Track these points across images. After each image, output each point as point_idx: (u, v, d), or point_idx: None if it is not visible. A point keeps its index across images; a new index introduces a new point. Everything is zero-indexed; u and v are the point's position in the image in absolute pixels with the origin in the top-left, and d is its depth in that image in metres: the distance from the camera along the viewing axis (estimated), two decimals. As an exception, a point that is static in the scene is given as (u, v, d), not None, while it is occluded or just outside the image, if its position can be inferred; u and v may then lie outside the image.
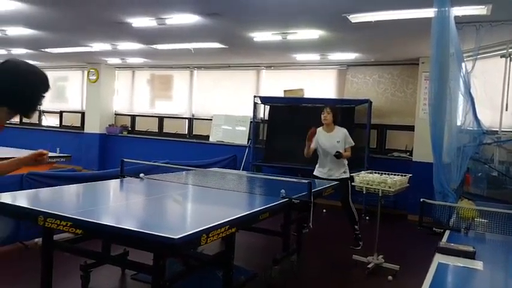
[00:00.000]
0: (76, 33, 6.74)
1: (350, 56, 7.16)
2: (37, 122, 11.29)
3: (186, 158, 7.04)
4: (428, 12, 3.90)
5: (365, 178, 4.16)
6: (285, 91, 7.79)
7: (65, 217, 2.37)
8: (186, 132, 9.57)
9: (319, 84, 8.04)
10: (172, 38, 6.45)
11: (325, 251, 5.04)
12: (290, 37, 5.72)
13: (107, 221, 2.42)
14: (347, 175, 4.97)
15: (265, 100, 7.92)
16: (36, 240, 4.45)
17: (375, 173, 4.34)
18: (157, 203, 3.33)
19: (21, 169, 2.37)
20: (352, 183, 4.32)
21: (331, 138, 4.96)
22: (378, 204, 4.27)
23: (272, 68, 8.55)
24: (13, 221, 4.06)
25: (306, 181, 3.57)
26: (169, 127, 9.82)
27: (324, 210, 6.74)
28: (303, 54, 7.21)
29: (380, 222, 4.37)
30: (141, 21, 5.38)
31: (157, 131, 9.92)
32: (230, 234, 2.70)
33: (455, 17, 3.63)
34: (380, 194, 4.06)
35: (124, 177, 4.17)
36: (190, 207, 3.33)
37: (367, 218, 6.49)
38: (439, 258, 2.09)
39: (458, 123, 3.92)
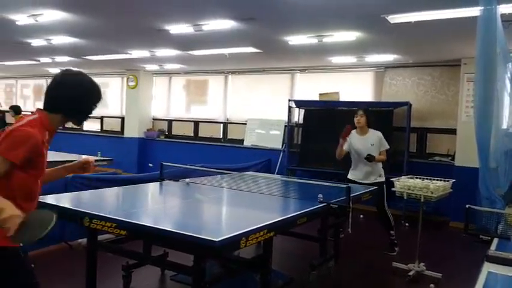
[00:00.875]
0: (116, 41, 6.98)
1: (388, 57, 7.01)
2: (79, 127, 11.75)
3: (220, 162, 7.12)
4: (472, 11, 3.76)
5: (406, 183, 4.05)
6: (320, 94, 7.73)
7: (110, 218, 2.45)
8: (221, 136, 9.68)
9: (356, 87, 7.92)
10: (208, 44, 6.55)
11: (364, 257, 4.93)
12: (326, 40, 5.67)
13: (150, 222, 2.48)
14: (382, 179, 4.85)
15: (299, 104, 7.89)
16: (80, 240, 4.63)
17: (415, 178, 4.21)
18: (197, 206, 3.38)
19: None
20: (392, 189, 4.21)
21: (364, 141, 4.87)
22: (420, 210, 4.14)
23: (306, 71, 8.51)
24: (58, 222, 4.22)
25: (345, 186, 3.51)
26: (204, 131, 9.96)
27: (362, 216, 6.60)
28: (338, 56, 7.13)
29: (421, 229, 4.24)
30: (178, 28, 5.50)
31: (192, 135, 10.08)
32: (268, 238, 2.70)
33: (502, 15, 3.48)
34: (422, 200, 3.94)
35: (163, 181, 4.26)
36: (228, 210, 3.36)
37: (406, 224, 6.30)
38: (488, 267, 2.00)
39: (505, 126, 3.75)
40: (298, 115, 8.06)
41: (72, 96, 1.93)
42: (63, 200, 2.94)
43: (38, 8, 5.03)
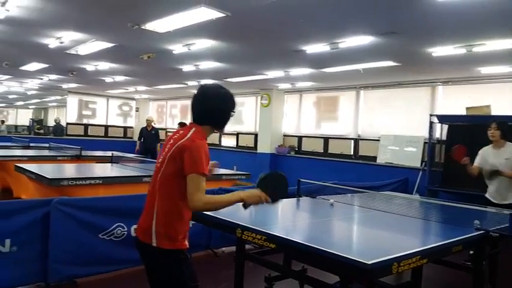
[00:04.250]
0: (255, 64, 7.46)
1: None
2: (217, 143, 12.77)
3: (351, 179, 6.95)
4: None
5: None
6: (467, 108, 7.01)
7: (260, 231, 2.58)
8: (352, 153, 9.48)
9: (510, 100, 6.98)
10: (342, 61, 6.55)
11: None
12: (476, 49, 5.17)
13: (298, 238, 2.53)
14: None
15: (443, 119, 7.27)
16: (224, 248, 5.00)
17: None
18: (340, 224, 3.35)
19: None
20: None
21: (498, 156, 4.42)
22: None
23: (450, 83, 7.83)
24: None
25: (508, 212, 3.10)
26: (334, 147, 9.89)
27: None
28: (489, 66, 6.41)
29: None
30: (315, 48, 5.63)
31: (322, 151, 10.09)
32: (420, 265, 2.53)
33: None
34: None
35: (300, 197, 4.34)
36: (374, 232, 3.24)
37: None
38: None
39: None
40: (441, 131, 7.43)
41: (217, 107, 2.18)
42: (219, 211, 3.19)
43: (192, 38, 5.70)
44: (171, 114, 15.51)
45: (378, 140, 8.72)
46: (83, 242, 3.73)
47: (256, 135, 11.46)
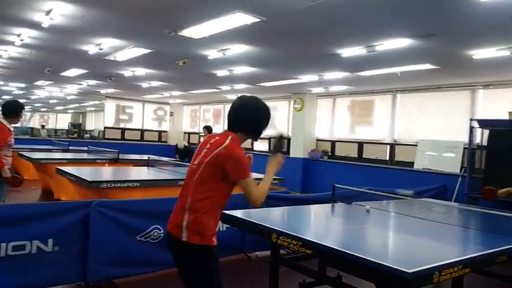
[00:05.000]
0: (289, 68, 7.45)
1: None
2: (250, 147, 12.81)
3: (387, 185, 6.76)
4: None
5: None
6: (510, 113, 6.70)
7: (296, 237, 2.56)
8: (387, 158, 9.26)
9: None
10: (379, 64, 6.43)
11: None
12: (522, 50, 4.94)
13: (334, 244, 2.49)
14: None
15: (484, 124, 6.97)
16: (257, 253, 5.00)
17: None
18: (377, 231, 3.28)
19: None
20: None
21: None
22: None
23: (491, 86, 7.52)
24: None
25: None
26: (369, 152, 9.70)
27: None
28: (536, 68, 6.11)
29: None
30: (350, 51, 5.56)
31: (356, 156, 9.93)
32: (462, 275, 2.43)
33: None
34: None
35: (335, 202, 4.28)
36: (412, 239, 3.15)
37: None
38: None
39: None
40: (482, 136, 7.14)
41: (251, 118, 2.34)
42: (253, 215, 3.21)
43: (227, 44, 5.76)
44: (204, 118, 15.72)
45: (415, 145, 8.48)
46: (121, 243, 3.82)
47: (289, 139, 11.43)
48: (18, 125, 4.35)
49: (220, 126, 14.68)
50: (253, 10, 4.17)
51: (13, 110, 4.50)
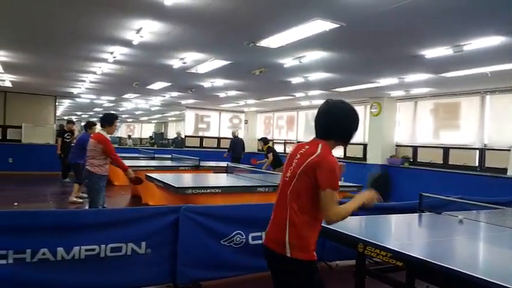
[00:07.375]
0: (366, 72, 7.25)
1: None
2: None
3: (476, 193, 6.24)
4: None
5: None
6: None
7: (386, 248, 2.48)
8: (477, 164, 8.57)
9: None
10: (466, 64, 6.01)
11: None
12: None
13: (432, 258, 2.34)
14: None
15: None
16: (338, 262, 4.90)
17: None
18: (473, 243, 3.06)
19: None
20: None
21: None
22: None
23: None
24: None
25: None
26: (455, 158, 9.06)
27: None
28: None
29: None
30: (435, 52, 5.27)
31: (441, 162, 9.32)
32: None
33: None
34: None
35: (423, 212, 4.06)
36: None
37: None
38: None
39: None
40: None
41: (342, 123, 2.21)
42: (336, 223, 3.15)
43: (303, 51, 5.78)
44: (278, 125, 15.85)
45: (509, 150, 7.76)
46: (207, 247, 3.97)
47: (365, 145, 11.09)
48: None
49: (293, 134, 14.69)
50: (333, 16, 4.14)
51: (107, 119, 5.26)
